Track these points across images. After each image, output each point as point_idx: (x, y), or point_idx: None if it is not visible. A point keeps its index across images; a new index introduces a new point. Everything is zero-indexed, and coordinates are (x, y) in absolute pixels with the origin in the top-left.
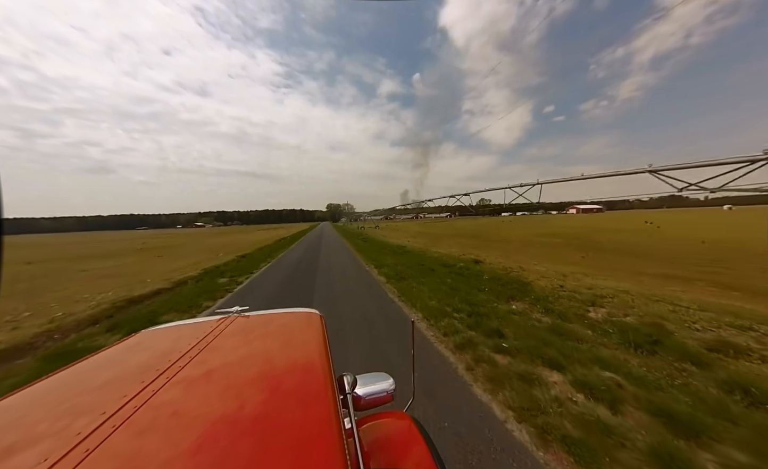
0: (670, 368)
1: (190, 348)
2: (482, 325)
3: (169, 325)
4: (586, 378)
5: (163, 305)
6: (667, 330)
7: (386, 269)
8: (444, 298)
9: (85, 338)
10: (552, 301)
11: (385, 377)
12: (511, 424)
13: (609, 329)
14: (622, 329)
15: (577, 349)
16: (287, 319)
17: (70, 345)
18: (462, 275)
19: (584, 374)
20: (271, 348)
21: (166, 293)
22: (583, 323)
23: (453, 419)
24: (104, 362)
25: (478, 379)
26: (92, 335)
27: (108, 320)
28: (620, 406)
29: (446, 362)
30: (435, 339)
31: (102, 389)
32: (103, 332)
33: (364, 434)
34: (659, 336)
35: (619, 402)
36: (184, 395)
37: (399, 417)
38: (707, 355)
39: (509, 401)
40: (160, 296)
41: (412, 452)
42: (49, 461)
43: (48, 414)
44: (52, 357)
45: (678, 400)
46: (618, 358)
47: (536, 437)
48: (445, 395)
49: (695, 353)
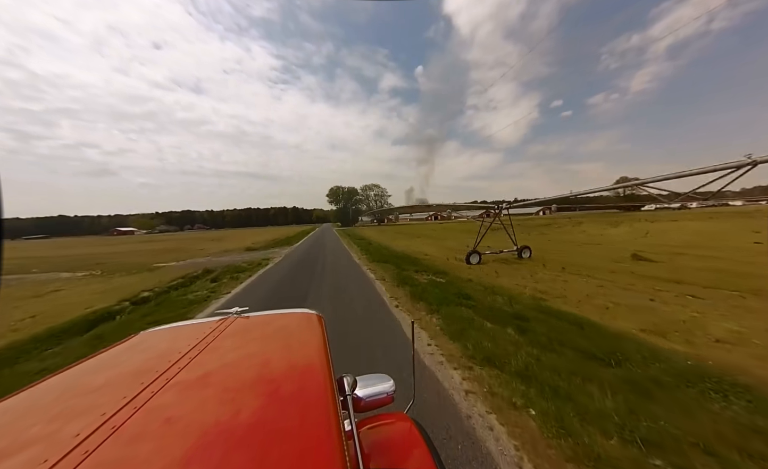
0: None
1: (190, 349)
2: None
3: (169, 326)
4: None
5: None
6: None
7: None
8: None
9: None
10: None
11: (386, 379)
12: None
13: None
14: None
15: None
16: (287, 320)
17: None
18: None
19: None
20: (271, 349)
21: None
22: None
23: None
24: (104, 362)
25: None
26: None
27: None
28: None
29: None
30: None
31: (101, 390)
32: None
33: (364, 436)
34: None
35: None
36: (184, 396)
37: (399, 419)
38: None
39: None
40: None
41: (413, 454)
42: (49, 462)
43: (48, 415)
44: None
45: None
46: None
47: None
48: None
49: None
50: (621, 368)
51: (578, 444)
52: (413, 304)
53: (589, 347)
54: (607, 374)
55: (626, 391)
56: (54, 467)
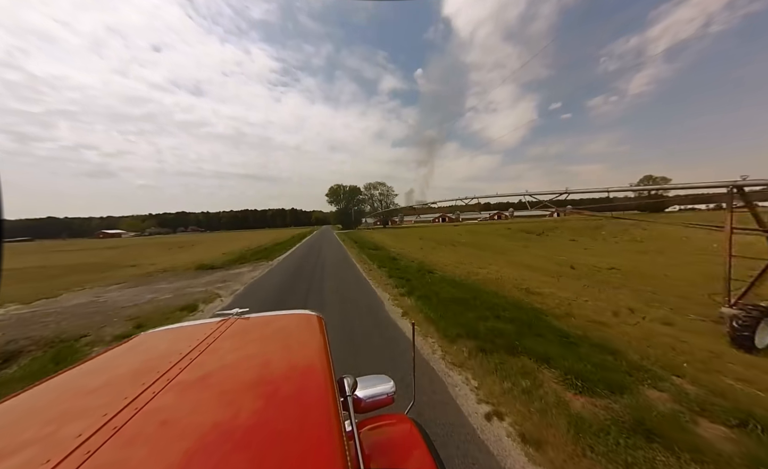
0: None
1: (191, 350)
2: None
3: (170, 327)
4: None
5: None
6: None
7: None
8: None
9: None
10: None
11: (386, 380)
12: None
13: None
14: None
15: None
16: (287, 321)
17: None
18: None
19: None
20: (272, 350)
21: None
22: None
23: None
24: (105, 363)
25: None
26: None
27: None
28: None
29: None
30: None
31: (103, 390)
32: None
33: (364, 437)
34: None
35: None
36: (185, 397)
37: (400, 420)
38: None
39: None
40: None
41: (413, 454)
42: (51, 462)
43: (49, 416)
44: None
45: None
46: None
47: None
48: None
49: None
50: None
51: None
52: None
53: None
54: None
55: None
56: (56, 467)
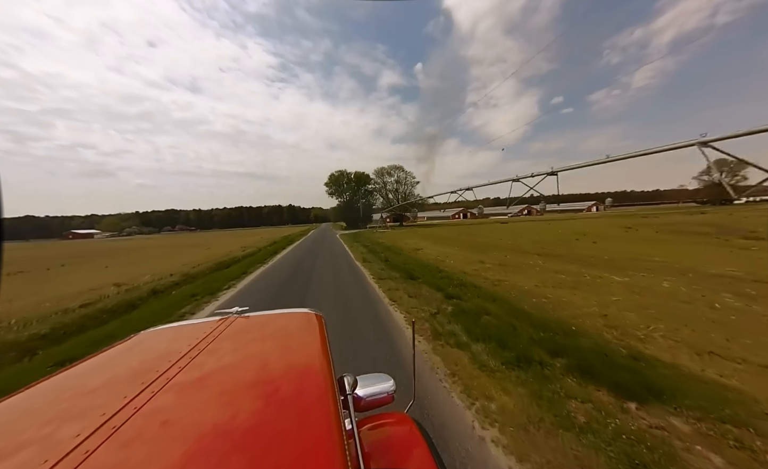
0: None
1: (190, 349)
2: None
3: (169, 325)
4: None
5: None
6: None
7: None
8: None
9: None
10: None
11: (386, 378)
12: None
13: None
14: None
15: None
16: (287, 320)
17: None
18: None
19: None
20: (271, 349)
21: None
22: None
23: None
24: (104, 362)
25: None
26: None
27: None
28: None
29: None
30: None
31: (102, 390)
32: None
33: (365, 436)
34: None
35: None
36: (184, 396)
37: (400, 418)
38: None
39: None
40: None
41: (414, 453)
42: (49, 462)
43: (48, 415)
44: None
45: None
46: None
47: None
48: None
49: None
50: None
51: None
52: None
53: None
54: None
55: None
56: (54, 467)
